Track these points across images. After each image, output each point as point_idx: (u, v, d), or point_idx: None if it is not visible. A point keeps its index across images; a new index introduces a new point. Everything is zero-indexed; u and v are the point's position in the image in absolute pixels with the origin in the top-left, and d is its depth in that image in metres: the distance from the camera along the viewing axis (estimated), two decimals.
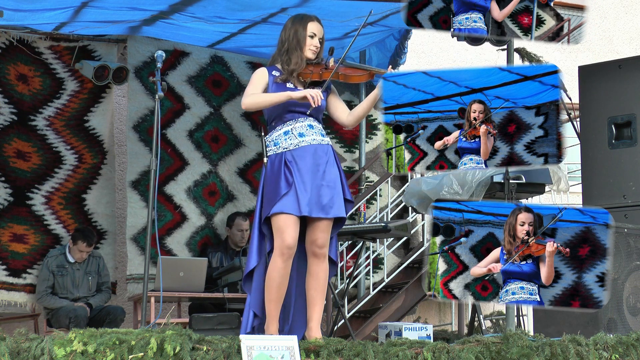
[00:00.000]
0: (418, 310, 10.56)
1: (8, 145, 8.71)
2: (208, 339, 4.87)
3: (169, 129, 9.19)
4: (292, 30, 5.62)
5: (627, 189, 6.87)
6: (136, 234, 8.88)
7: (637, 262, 6.24)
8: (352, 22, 8.20)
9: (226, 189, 9.40)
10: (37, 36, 8.80)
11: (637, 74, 6.92)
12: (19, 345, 4.75)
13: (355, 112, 5.68)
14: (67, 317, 8.02)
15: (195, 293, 8.23)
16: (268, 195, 5.45)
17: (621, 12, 12.61)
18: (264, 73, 5.61)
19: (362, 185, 9.80)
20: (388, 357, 4.99)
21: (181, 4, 7.81)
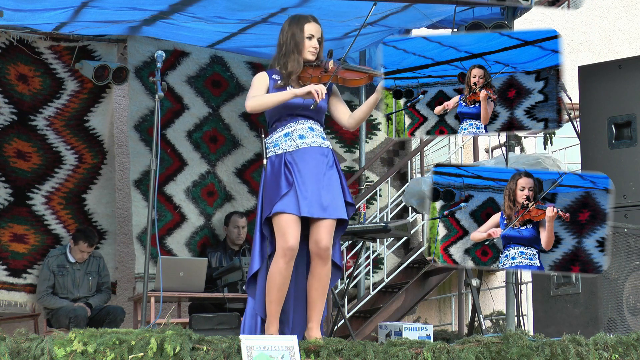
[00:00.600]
0: (418, 310, 10.56)
1: (8, 145, 8.71)
2: (208, 339, 4.87)
3: (169, 129, 9.19)
4: (289, 33, 5.60)
5: (627, 189, 6.87)
6: (140, 233, 8.89)
7: (637, 262, 6.24)
8: (352, 22, 8.20)
9: (224, 189, 9.40)
10: (37, 36, 8.80)
11: (637, 74, 6.92)
12: (19, 345, 4.75)
13: (355, 115, 5.67)
14: (67, 317, 8.02)
15: (195, 293, 8.24)
16: (268, 196, 5.44)
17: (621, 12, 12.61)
18: (264, 77, 5.61)
19: (362, 185, 9.79)
20: (388, 357, 4.99)
21: (181, 4, 7.80)
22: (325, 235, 5.42)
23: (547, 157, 6.77)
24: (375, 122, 10.07)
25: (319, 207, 5.42)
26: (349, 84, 5.65)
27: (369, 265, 9.40)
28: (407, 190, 7.50)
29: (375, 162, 9.93)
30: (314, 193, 5.43)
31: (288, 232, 5.37)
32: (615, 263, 6.15)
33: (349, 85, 5.66)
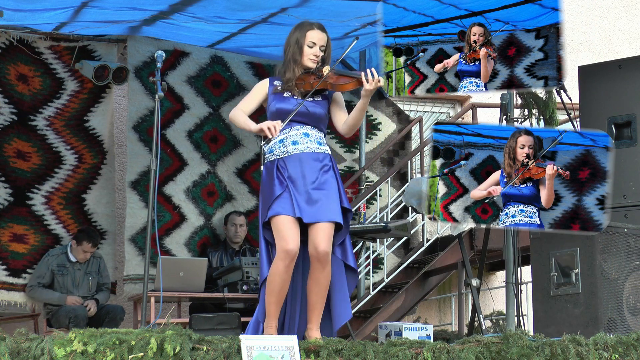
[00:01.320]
0: (418, 310, 10.56)
1: (8, 145, 8.71)
2: (208, 339, 4.87)
3: (169, 129, 9.19)
4: (292, 39, 5.64)
5: (627, 189, 6.86)
6: (134, 235, 8.88)
7: (637, 262, 6.24)
8: (352, 22, 8.20)
9: (225, 189, 9.40)
10: (37, 36, 8.80)
11: (637, 74, 6.92)
12: (19, 345, 4.75)
13: (347, 121, 5.67)
14: (67, 317, 8.03)
15: (195, 293, 8.24)
16: (264, 201, 5.48)
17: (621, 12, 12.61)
18: (264, 85, 5.69)
19: (362, 185, 9.80)
20: (388, 357, 4.99)
21: (181, 4, 7.81)
22: (323, 239, 5.41)
23: None
24: (375, 122, 10.07)
25: (313, 211, 5.41)
26: (339, 89, 5.66)
27: (369, 265, 9.40)
28: (407, 190, 7.49)
29: (375, 162, 9.93)
30: (308, 198, 5.43)
31: (287, 235, 5.37)
32: (615, 263, 6.15)
33: (338, 90, 5.67)
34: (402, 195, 8.61)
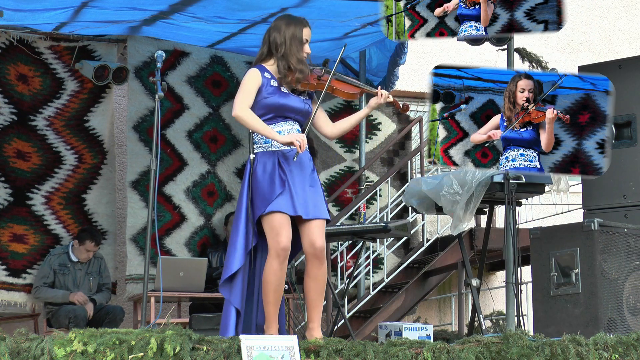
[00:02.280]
0: (418, 310, 10.56)
1: (8, 145, 8.71)
2: (208, 339, 4.87)
3: (169, 129, 9.19)
4: (288, 33, 5.51)
5: (627, 189, 6.86)
6: (135, 234, 8.89)
7: (637, 262, 6.24)
8: (352, 22, 8.21)
9: (224, 189, 9.40)
10: (37, 36, 8.80)
11: (637, 74, 6.91)
12: (19, 345, 4.75)
13: (340, 126, 5.65)
14: (67, 317, 8.03)
15: (195, 293, 8.24)
16: (261, 194, 5.41)
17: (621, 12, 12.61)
18: (257, 75, 5.51)
19: (362, 185, 9.79)
20: (388, 357, 4.99)
21: (181, 4, 7.81)
22: (319, 235, 5.43)
23: None
24: (375, 122, 10.07)
25: (309, 208, 5.42)
26: (341, 96, 5.62)
27: (369, 265, 9.40)
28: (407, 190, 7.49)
29: (375, 162, 9.93)
30: (305, 194, 5.43)
31: (282, 233, 5.36)
32: (615, 263, 6.15)
33: (340, 96, 5.63)
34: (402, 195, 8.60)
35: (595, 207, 6.93)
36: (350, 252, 9.46)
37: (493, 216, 7.82)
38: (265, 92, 5.49)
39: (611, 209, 6.84)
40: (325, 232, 5.54)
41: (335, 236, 7.58)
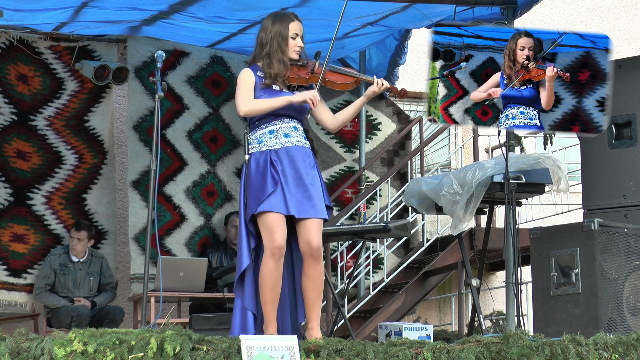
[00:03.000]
0: (418, 310, 10.56)
1: (8, 145, 8.71)
2: (208, 339, 4.87)
3: (169, 129, 9.19)
4: (273, 32, 5.50)
5: (627, 189, 6.86)
6: (137, 234, 8.89)
7: (637, 262, 6.24)
8: (352, 22, 8.21)
9: (224, 189, 9.40)
10: (37, 36, 8.80)
11: (637, 74, 6.91)
12: (19, 345, 4.75)
13: (339, 117, 5.63)
14: (69, 316, 8.02)
15: (195, 293, 8.23)
16: (254, 193, 5.41)
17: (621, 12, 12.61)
18: (250, 74, 5.52)
19: (362, 185, 9.80)
20: (388, 357, 4.99)
21: (181, 4, 7.81)
22: (315, 235, 5.40)
23: (547, 157, 6.76)
24: (375, 122, 10.07)
25: (304, 206, 5.40)
26: (337, 88, 5.60)
27: (369, 265, 9.40)
28: (407, 190, 7.49)
29: (375, 162, 9.93)
30: (300, 192, 5.41)
31: (275, 232, 5.35)
32: (615, 263, 6.15)
33: (336, 88, 5.61)
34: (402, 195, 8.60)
35: (595, 207, 6.94)
36: (350, 252, 9.46)
37: (493, 216, 7.81)
38: (257, 92, 5.50)
39: (611, 209, 6.84)
40: (326, 232, 5.52)
41: (335, 236, 7.57)
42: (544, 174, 6.69)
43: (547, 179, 6.73)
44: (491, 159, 7.50)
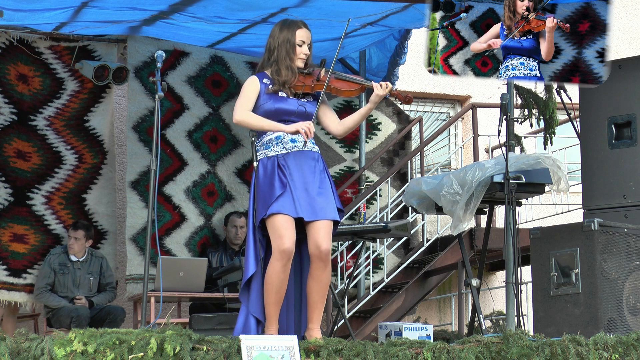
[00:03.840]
0: (418, 310, 10.56)
1: (8, 145, 8.71)
2: (208, 339, 4.87)
3: (168, 130, 9.19)
4: (280, 38, 5.56)
5: (627, 189, 6.86)
6: (135, 234, 8.89)
7: (637, 262, 6.24)
8: (352, 22, 8.20)
9: (224, 189, 9.40)
10: (37, 36, 8.80)
11: (637, 74, 6.91)
12: (19, 345, 4.75)
13: (345, 123, 5.66)
14: (69, 317, 8.03)
15: (195, 293, 8.23)
16: (262, 198, 5.43)
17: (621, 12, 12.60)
18: (255, 82, 5.57)
19: (362, 185, 9.80)
20: (388, 357, 4.99)
21: (181, 4, 7.81)
22: (325, 237, 5.41)
23: (547, 157, 6.76)
24: (375, 122, 10.07)
25: (313, 209, 5.41)
26: (342, 95, 5.64)
27: (369, 265, 9.40)
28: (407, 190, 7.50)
29: (375, 162, 9.93)
30: (308, 196, 5.42)
31: (284, 234, 5.36)
32: (615, 263, 6.15)
33: (342, 95, 5.65)
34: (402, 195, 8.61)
35: (595, 207, 6.94)
36: (350, 252, 9.46)
37: (493, 216, 7.82)
38: (263, 99, 5.54)
39: (611, 209, 6.84)
40: None
41: (335, 236, 7.54)
42: (544, 174, 6.69)
43: (547, 179, 6.73)
44: (491, 159, 7.51)
